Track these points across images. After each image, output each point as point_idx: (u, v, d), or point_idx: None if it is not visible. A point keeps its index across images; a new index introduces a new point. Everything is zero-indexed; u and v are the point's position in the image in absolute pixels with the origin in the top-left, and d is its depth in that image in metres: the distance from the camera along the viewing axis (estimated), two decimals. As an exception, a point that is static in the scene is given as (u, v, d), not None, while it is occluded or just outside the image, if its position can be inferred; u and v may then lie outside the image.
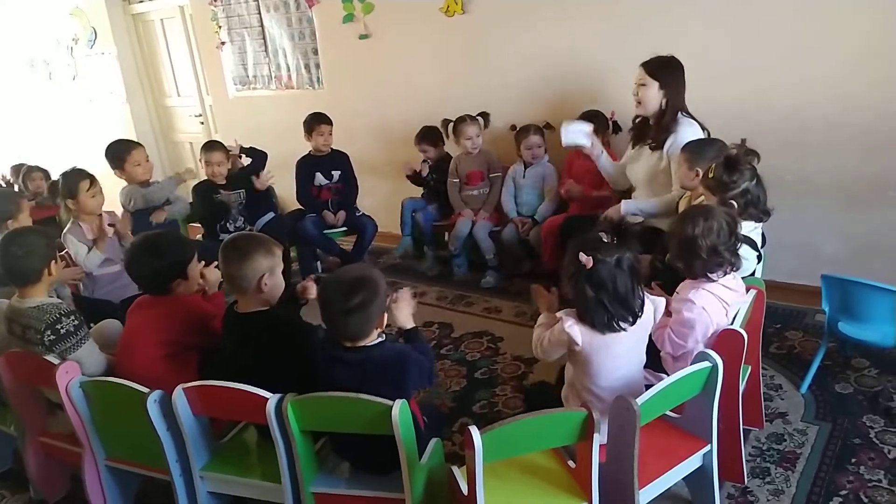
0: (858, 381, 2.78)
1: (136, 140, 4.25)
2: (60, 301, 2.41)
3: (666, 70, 3.03)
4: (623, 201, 3.20)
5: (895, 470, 2.28)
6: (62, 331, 2.28)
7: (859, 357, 2.91)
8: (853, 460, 2.34)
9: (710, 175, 2.45)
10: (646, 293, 2.05)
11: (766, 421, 2.56)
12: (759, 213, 2.46)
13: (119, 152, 3.74)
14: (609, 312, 1.92)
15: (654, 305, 2.08)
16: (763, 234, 2.60)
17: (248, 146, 4.50)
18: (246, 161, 4.45)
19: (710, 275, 2.12)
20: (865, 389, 2.72)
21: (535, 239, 3.90)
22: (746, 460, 2.33)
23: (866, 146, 3.22)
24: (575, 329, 1.95)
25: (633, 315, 1.95)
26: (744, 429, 2.26)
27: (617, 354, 1.98)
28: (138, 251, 2.42)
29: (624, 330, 1.95)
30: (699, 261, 2.10)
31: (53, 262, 2.38)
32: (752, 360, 2.37)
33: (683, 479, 2.09)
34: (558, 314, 2.02)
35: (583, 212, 3.75)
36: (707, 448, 2.04)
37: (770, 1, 3.28)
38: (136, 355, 2.31)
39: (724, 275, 2.14)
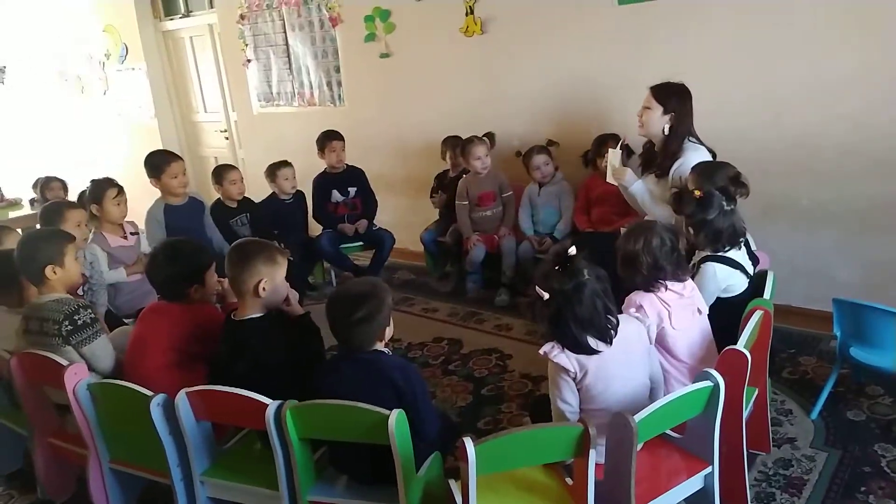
0: (872, 409, 2.72)
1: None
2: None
3: (672, 96, 3.01)
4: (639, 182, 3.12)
5: (905, 500, 2.22)
6: (79, 322, 2.37)
7: (874, 384, 2.85)
8: (862, 489, 2.29)
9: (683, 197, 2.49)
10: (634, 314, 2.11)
11: (774, 446, 2.52)
12: (723, 243, 2.42)
13: (159, 162, 3.79)
14: (574, 336, 1.91)
15: (643, 325, 2.08)
16: (754, 255, 2.58)
17: None
18: None
19: (651, 288, 2.20)
20: (879, 417, 2.66)
21: (553, 257, 3.88)
22: (752, 485, 2.28)
23: (881, 173, 3.17)
24: (561, 357, 1.94)
25: (604, 334, 1.93)
26: (750, 453, 2.23)
27: (610, 376, 1.95)
28: (158, 256, 2.48)
29: (598, 351, 1.92)
30: (640, 276, 2.21)
31: (57, 265, 2.45)
32: (758, 382, 2.34)
33: (685, 500, 2.06)
34: (540, 351, 2.00)
35: (597, 229, 3.75)
36: (709, 469, 2.01)
37: (789, 30, 3.26)
38: (148, 361, 2.35)
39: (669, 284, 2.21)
